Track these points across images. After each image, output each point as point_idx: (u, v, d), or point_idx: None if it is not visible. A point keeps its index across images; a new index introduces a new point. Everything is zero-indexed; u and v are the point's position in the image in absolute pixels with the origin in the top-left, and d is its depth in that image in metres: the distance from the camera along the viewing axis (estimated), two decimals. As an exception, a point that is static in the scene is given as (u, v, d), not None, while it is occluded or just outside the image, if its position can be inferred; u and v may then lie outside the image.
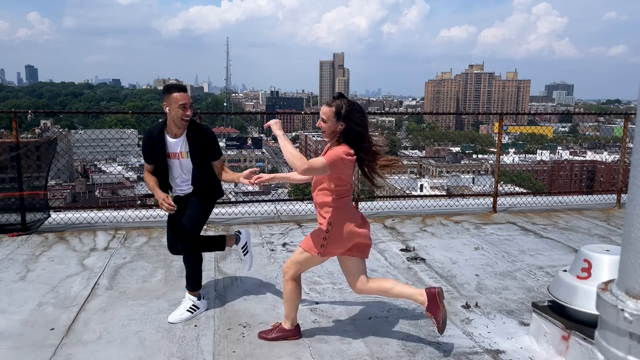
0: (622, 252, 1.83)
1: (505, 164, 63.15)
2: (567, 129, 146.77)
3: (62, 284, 4.61)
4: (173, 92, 3.77)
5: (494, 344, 3.59)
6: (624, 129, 8.44)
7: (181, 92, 3.80)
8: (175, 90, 3.80)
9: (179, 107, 3.74)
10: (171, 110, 3.77)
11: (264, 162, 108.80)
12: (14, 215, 6.31)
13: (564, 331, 3.32)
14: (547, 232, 6.63)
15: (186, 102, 3.77)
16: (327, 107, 3.29)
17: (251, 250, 4.41)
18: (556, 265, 5.23)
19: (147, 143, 3.91)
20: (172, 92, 3.77)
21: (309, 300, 4.32)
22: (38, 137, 26.17)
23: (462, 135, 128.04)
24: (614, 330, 1.73)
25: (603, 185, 60.93)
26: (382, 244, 6.00)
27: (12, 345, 3.48)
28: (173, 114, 3.77)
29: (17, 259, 5.26)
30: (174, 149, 3.89)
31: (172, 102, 3.75)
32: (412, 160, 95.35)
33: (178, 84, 3.95)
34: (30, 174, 6.63)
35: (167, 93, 3.80)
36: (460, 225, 6.94)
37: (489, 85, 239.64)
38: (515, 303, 4.33)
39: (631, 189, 1.80)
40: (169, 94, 3.78)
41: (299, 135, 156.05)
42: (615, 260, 2.64)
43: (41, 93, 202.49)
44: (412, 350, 3.48)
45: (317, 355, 3.40)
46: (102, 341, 3.55)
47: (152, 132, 3.90)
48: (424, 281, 4.81)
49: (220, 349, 3.47)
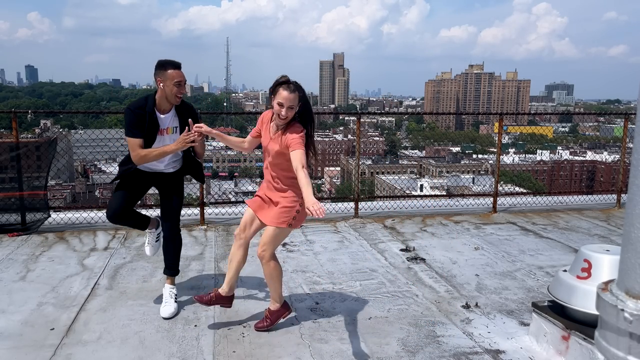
0: (622, 252, 1.83)
1: (505, 164, 63.16)
2: (567, 129, 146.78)
3: (62, 284, 4.61)
4: (169, 69, 3.71)
5: (494, 344, 3.59)
6: (624, 129, 8.44)
7: (176, 69, 3.74)
8: (171, 66, 3.73)
9: (174, 84, 3.71)
10: (165, 87, 3.72)
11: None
12: (14, 215, 6.30)
13: (564, 331, 3.32)
14: (547, 232, 6.64)
15: (181, 80, 3.74)
16: (291, 94, 3.33)
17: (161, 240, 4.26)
18: (556, 265, 5.23)
19: (139, 116, 3.74)
20: (167, 69, 3.71)
21: (309, 300, 4.32)
22: (38, 137, 26.15)
23: (462, 135, 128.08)
24: (614, 330, 1.73)
25: (603, 185, 60.96)
26: (382, 244, 6.00)
27: (12, 345, 3.48)
28: (167, 91, 3.73)
29: (17, 259, 5.26)
30: (164, 124, 3.86)
31: (168, 79, 3.70)
32: (412, 160, 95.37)
33: (173, 61, 3.79)
34: (30, 174, 6.63)
35: (161, 69, 3.73)
36: (460, 225, 6.95)
37: (489, 85, 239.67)
38: (515, 303, 4.33)
39: (631, 189, 1.80)
40: (164, 70, 3.71)
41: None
42: (615, 260, 2.64)
43: (41, 93, 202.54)
44: (412, 350, 3.48)
45: (317, 355, 3.40)
46: (102, 341, 3.55)
47: (142, 106, 3.77)
48: (424, 281, 4.81)
49: (220, 349, 3.47)
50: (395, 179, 61.67)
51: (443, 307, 4.22)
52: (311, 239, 6.16)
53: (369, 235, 6.38)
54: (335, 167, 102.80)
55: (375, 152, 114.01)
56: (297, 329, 3.78)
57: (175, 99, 3.78)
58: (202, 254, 5.53)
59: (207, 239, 6.10)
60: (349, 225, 6.84)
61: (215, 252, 5.62)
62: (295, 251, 5.66)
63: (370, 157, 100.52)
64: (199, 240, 6.07)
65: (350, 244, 5.96)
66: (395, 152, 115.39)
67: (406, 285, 4.70)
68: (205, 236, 6.24)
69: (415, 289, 4.61)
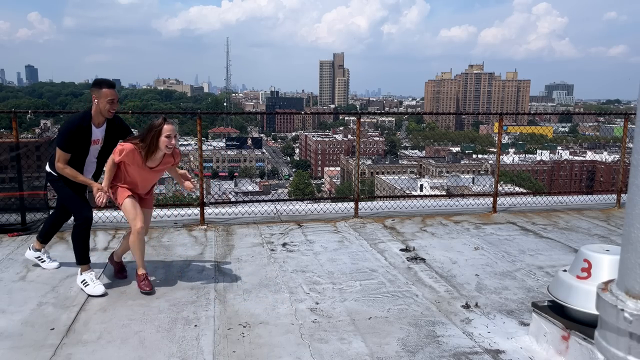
0: (622, 252, 1.84)
1: (505, 164, 63.16)
2: (567, 129, 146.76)
3: (62, 284, 4.61)
4: (103, 88, 4.29)
5: (494, 344, 3.59)
6: (624, 129, 8.44)
7: (110, 88, 4.32)
8: (105, 85, 4.31)
9: (107, 102, 4.27)
10: (99, 103, 4.28)
11: (264, 162, 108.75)
12: (14, 215, 6.30)
13: (564, 331, 3.32)
14: (547, 232, 6.64)
15: (114, 98, 4.31)
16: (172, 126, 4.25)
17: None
18: (556, 265, 5.23)
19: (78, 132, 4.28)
20: (102, 87, 4.29)
21: (309, 300, 4.32)
22: (38, 137, 26.16)
23: (462, 136, 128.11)
24: (614, 330, 1.73)
25: (603, 185, 60.97)
26: (382, 244, 6.00)
27: (12, 345, 3.48)
28: (101, 107, 4.29)
29: (17, 259, 5.25)
30: (97, 136, 4.42)
31: (102, 97, 4.27)
32: (412, 160, 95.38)
33: (107, 80, 4.40)
34: (30, 174, 6.62)
35: (97, 87, 4.30)
36: (460, 225, 6.95)
37: (489, 85, 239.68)
38: (515, 303, 4.33)
39: (631, 189, 1.80)
40: (99, 89, 4.28)
41: (298, 135, 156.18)
42: (615, 260, 2.64)
43: (41, 93, 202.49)
44: (412, 350, 3.48)
45: (317, 355, 3.40)
46: (102, 341, 3.55)
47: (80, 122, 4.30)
48: (424, 281, 4.81)
49: (220, 349, 3.47)
50: (395, 179, 61.70)
51: (443, 307, 4.22)
52: (311, 239, 6.16)
53: (369, 235, 6.38)
54: (335, 167, 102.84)
55: (375, 152, 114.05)
56: (297, 329, 3.78)
57: (108, 114, 4.36)
58: (202, 254, 5.53)
59: (207, 239, 6.10)
60: (349, 225, 6.84)
61: (215, 252, 5.62)
62: (295, 251, 5.66)
63: (370, 157, 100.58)
64: (199, 240, 6.07)
65: (350, 244, 5.96)
66: (395, 152, 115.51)
67: (406, 285, 4.70)
68: (205, 236, 6.24)
69: (415, 289, 4.61)
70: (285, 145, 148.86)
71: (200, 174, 7.13)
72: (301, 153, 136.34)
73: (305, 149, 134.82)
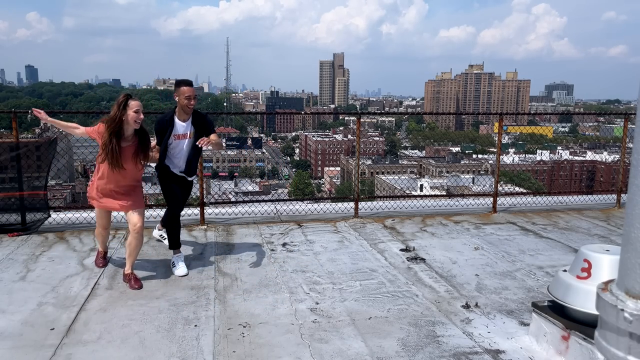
0: (622, 252, 1.84)
1: (505, 164, 63.15)
2: (567, 129, 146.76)
3: (62, 284, 4.61)
4: (181, 86, 4.73)
5: (494, 344, 3.59)
6: (624, 129, 8.44)
7: (187, 86, 4.74)
8: (183, 84, 4.75)
9: (185, 98, 4.69)
10: (180, 100, 4.72)
11: (264, 162, 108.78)
12: (14, 215, 6.30)
13: (564, 331, 3.32)
14: (547, 232, 6.64)
15: (191, 94, 4.71)
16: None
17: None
18: (556, 265, 5.23)
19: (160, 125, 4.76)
20: (180, 86, 4.73)
21: (309, 300, 4.32)
22: (38, 137, 26.12)
23: (462, 136, 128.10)
24: (614, 330, 1.73)
25: (603, 185, 60.96)
26: (382, 244, 6.00)
27: (12, 345, 3.48)
28: (181, 103, 4.72)
29: (17, 259, 5.26)
30: (183, 130, 4.79)
31: (181, 94, 4.71)
32: (412, 160, 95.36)
33: (186, 80, 4.82)
34: (30, 174, 6.62)
35: (177, 86, 4.77)
36: (460, 225, 6.95)
37: (489, 85, 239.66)
38: (515, 303, 4.33)
39: (631, 189, 1.81)
40: (178, 87, 4.74)
41: (298, 135, 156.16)
42: (615, 260, 2.64)
43: (41, 93, 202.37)
44: (412, 350, 3.48)
45: (317, 355, 3.40)
46: (102, 341, 3.55)
47: (163, 117, 4.81)
48: (424, 281, 4.81)
49: (220, 349, 3.47)
50: (395, 179, 61.70)
51: (443, 307, 4.22)
52: (311, 239, 6.16)
53: (369, 235, 6.38)
54: (335, 167, 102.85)
55: (375, 152, 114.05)
56: (297, 329, 3.78)
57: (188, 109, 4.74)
58: (202, 254, 5.53)
59: (207, 239, 6.10)
60: (349, 225, 6.84)
61: (215, 251, 5.62)
62: (295, 251, 5.66)
63: (370, 157, 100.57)
64: (199, 240, 6.07)
65: (350, 244, 5.96)
66: (395, 152, 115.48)
67: (406, 285, 4.70)
68: (205, 236, 6.24)
69: (415, 289, 4.61)
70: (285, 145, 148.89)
71: (200, 174, 7.12)
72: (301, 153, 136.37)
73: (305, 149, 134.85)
